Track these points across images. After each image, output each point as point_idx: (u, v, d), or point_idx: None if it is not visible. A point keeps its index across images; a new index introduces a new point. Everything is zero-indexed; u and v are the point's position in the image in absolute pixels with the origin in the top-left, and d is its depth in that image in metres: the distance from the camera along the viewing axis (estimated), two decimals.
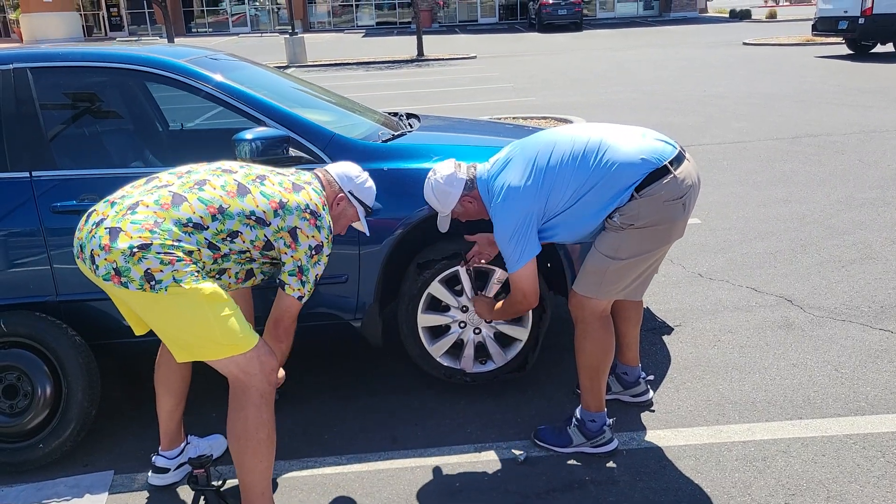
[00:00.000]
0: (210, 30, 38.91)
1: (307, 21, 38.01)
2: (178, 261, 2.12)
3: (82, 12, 38.50)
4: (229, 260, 2.30)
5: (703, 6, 38.45)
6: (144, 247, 2.09)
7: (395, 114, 4.15)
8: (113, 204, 2.22)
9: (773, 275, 4.33)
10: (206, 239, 2.20)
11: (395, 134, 3.38)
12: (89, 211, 2.26)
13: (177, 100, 3.62)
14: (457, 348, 3.17)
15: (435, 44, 25.60)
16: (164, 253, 2.10)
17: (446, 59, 20.40)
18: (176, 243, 2.13)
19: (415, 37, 21.96)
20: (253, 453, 2.26)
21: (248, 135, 2.82)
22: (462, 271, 3.03)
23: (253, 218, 2.25)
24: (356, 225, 2.61)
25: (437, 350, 3.15)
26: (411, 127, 3.71)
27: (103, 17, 39.17)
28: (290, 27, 22.47)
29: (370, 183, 2.58)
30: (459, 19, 38.45)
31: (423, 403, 3.18)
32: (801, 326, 3.66)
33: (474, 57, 20.75)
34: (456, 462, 2.76)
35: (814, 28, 16.63)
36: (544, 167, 2.50)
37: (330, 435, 2.99)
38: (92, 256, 2.13)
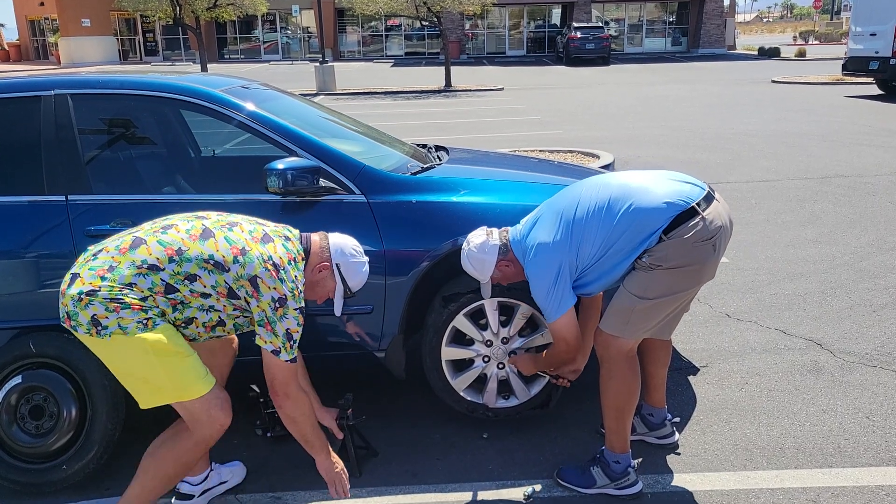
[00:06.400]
0: (242, 56, 39.67)
1: (337, 50, 38.61)
2: (123, 308, 2.19)
3: (119, 37, 39.46)
4: (191, 307, 2.30)
5: (732, 43, 38.52)
6: (92, 293, 2.19)
7: (424, 146, 4.19)
8: (86, 250, 2.33)
9: (802, 317, 4.26)
10: (162, 280, 2.23)
11: (424, 167, 3.40)
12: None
13: (207, 125, 3.68)
14: (480, 382, 3.15)
15: (463, 75, 25.85)
16: (111, 300, 2.18)
17: (474, 91, 20.58)
18: (125, 289, 2.20)
19: (443, 67, 22.18)
20: (152, 477, 2.39)
21: (280, 164, 2.85)
22: (487, 305, 3.02)
23: (211, 262, 2.26)
24: (334, 298, 2.56)
25: (460, 384, 3.13)
26: (440, 160, 3.73)
27: (139, 42, 40.12)
28: (320, 55, 22.84)
29: (366, 268, 2.55)
30: (487, 51, 38.85)
31: (444, 438, 3.16)
32: (830, 371, 3.59)
33: (501, 89, 20.92)
34: (476, 499, 2.73)
35: (844, 68, 16.57)
36: (572, 220, 2.52)
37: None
38: (61, 286, 2.27)
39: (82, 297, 2.19)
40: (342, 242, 2.53)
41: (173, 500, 2.69)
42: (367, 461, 2.99)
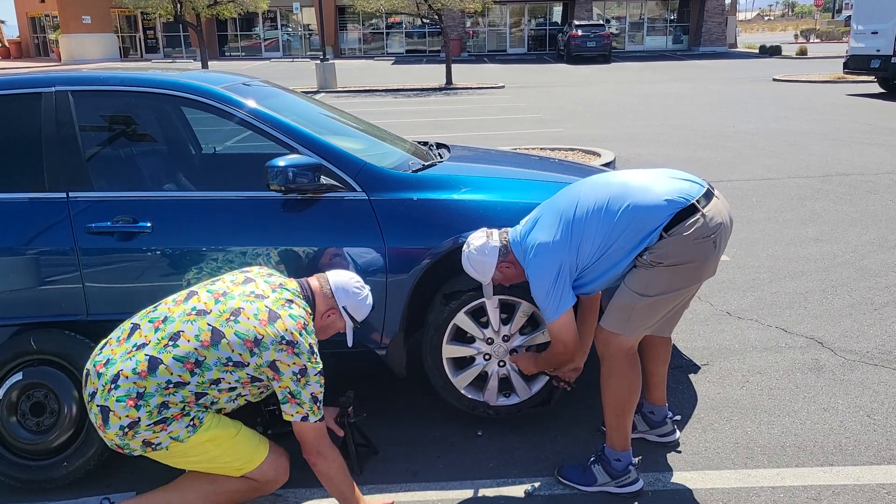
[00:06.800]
0: (243, 54, 39.63)
1: (338, 47, 38.58)
2: (168, 424, 2.26)
3: (119, 34, 39.41)
4: (218, 402, 2.39)
5: (733, 41, 38.47)
6: (133, 424, 2.24)
7: (425, 143, 4.18)
8: (100, 374, 2.29)
9: (803, 315, 4.26)
10: (190, 391, 2.29)
11: (426, 164, 3.40)
12: (85, 370, 2.37)
13: (208, 122, 3.67)
14: (481, 380, 3.15)
15: (463, 72, 25.82)
16: (154, 423, 2.24)
17: (474, 88, 20.56)
18: (162, 409, 2.25)
19: (444, 65, 22.15)
20: (198, 499, 2.44)
21: (281, 162, 2.85)
22: (488, 303, 3.02)
23: (230, 364, 2.30)
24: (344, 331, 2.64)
25: (461, 381, 3.12)
26: (441, 157, 3.72)
27: (139, 39, 40.08)
28: (321, 53, 22.82)
29: (370, 300, 2.63)
30: (488, 49, 38.81)
31: (444, 436, 3.16)
32: (831, 370, 3.59)
33: (502, 87, 20.89)
34: (477, 497, 2.73)
35: (845, 66, 16.56)
36: (571, 219, 2.52)
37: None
38: (95, 421, 2.30)
39: (125, 430, 2.25)
40: (343, 282, 2.58)
41: None
42: (367, 459, 2.99)
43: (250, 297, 2.38)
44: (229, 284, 2.46)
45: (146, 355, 2.28)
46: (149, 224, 2.93)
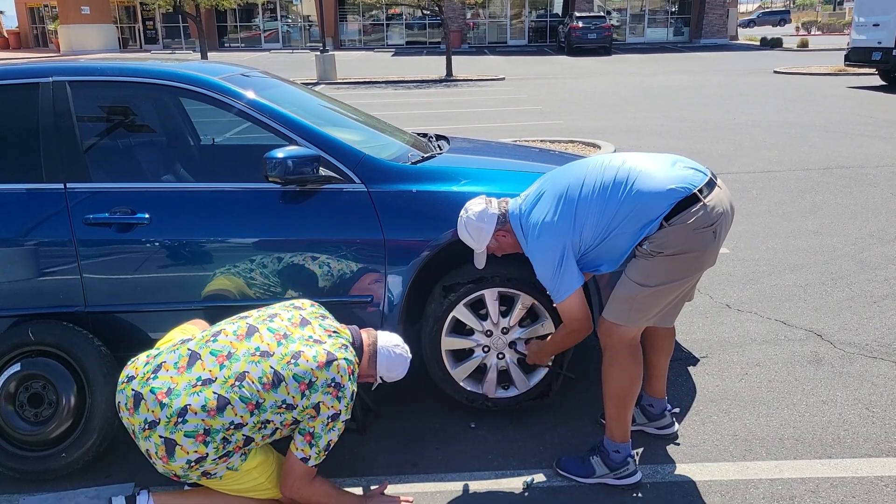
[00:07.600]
0: (242, 45, 39.50)
1: (338, 39, 38.46)
2: (230, 457, 2.38)
3: (118, 25, 39.28)
4: (257, 446, 2.47)
5: (734, 33, 38.36)
6: (200, 459, 2.33)
7: (425, 135, 4.17)
8: (162, 405, 2.29)
9: (802, 308, 4.26)
10: (243, 435, 2.35)
11: (425, 156, 3.39)
12: (132, 390, 2.36)
13: (208, 113, 3.66)
14: (480, 372, 3.15)
15: (464, 64, 25.75)
16: (219, 457, 2.34)
17: (475, 80, 20.50)
18: (225, 444, 2.34)
19: (444, 57, 22.09)
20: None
21: (280, 153, 2.84)
22: (488, 295, 3.01)
23: (284, 406, 2.35)
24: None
25: (460, 374, 3.12)
26: (440, 149, 3.71)
27: (139, 30, 39.96)
28: (321, 44, 22.75)
29: (407, 369, 2.67)
30: (489, 41, 38.68)
31: (444, 428, 3.16)
32: (830, 362, 3.59)
33: (503, 78, 20.84)
34: (476, 489, 2.73)
35: (846, 58, 16.52)
36: (576, 200, 2.50)
37: (350, 456, 2.97)
38: (156, 451, 2.32)
39: (192, 464, 2.32)
40: (390, 356, 2.61)
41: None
42: (370, 426, 3.11)
43: (309, 342, 2.43)
44: (288, 325, 2.48)
45: (215, 393, 2.30)
46: (147, 215, 2.92)
